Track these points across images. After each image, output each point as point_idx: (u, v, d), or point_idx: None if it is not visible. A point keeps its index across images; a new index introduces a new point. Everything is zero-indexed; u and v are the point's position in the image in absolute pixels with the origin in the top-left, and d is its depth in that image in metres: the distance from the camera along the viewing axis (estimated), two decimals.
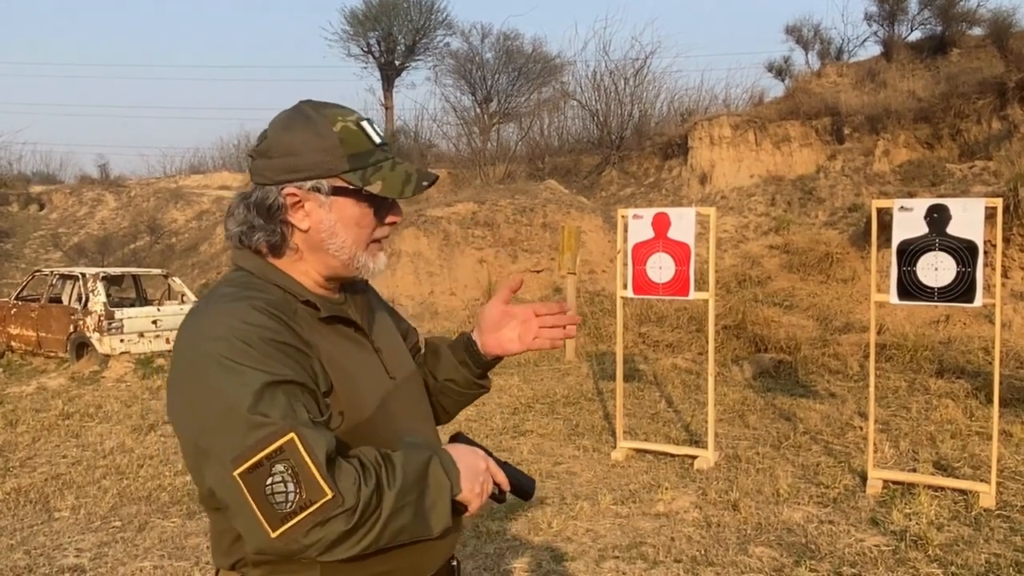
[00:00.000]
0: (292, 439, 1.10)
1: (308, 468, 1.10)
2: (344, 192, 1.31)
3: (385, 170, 1.32)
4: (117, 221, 23.60)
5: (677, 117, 20.30)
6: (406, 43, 28.54)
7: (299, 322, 1.27)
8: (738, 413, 7.18)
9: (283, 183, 1.30)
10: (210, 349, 1.18)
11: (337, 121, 1.31)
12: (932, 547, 4.14)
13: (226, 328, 1.19)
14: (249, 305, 1.23)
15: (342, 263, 1.34)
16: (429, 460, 1.24)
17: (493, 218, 13.54)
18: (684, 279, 5.73)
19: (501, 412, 7.41)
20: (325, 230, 1.31)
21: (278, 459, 1.10)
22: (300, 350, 1.23)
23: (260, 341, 1.18)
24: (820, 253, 11.74)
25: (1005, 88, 12.68)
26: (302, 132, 1.30)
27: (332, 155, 1.29)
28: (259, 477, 1.10)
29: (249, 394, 1.12)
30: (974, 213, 4.77)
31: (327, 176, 1.29)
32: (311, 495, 1.09)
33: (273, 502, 1.10)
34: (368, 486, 1.13)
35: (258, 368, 1.15)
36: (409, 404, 1.45)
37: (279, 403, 1.14)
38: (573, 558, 4.15)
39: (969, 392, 7.37)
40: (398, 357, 1.48)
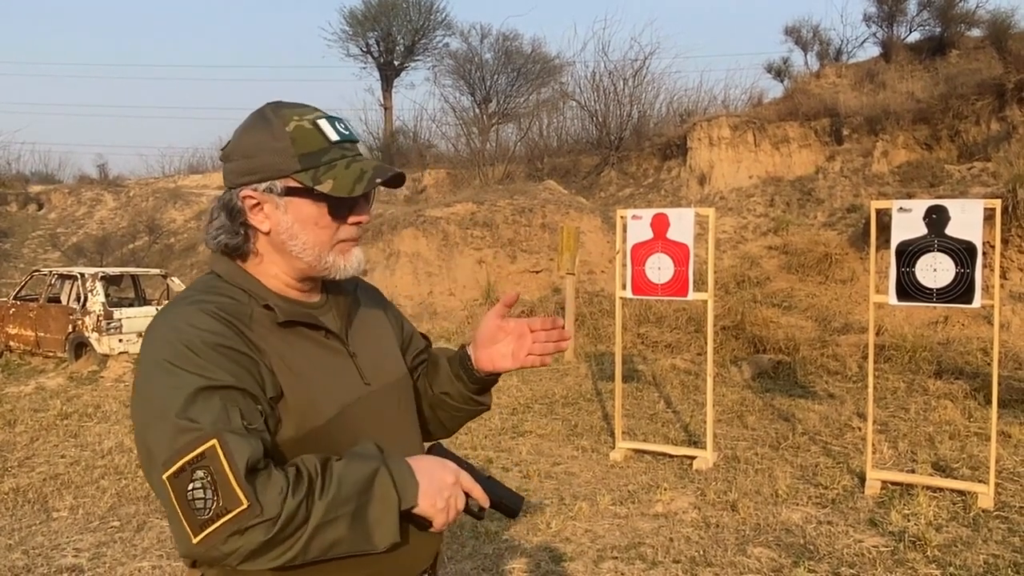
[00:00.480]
0: (213, 445, 1.09)
1: (226, 475, 1.08)
2: (297, 192, 1.29)
3: (339, 168, 1.29)
4: (116, 221, 23.58)
5: (676, 118, 20.30)
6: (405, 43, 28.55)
7: (253, 326, 1.26)
8: (737, 414, 7.18)
9: (240, 186, 1.30)
10: (155, 352, 1.19)
11: (291, 121, 1.30)
12: (930, 548, 4.14)
13: (173, 332, 1.20)
14: (199, 309, 1.23)
15: (308, 264, 1.32)
16: (375, 472, 1.19)
17: (492, 218, 13.54)
18: (683, 280, 5.73)
19: (500, 412, 7.41)
20: (284, 231, 1.30)
21: (199, 465, 1.09)
22: (246, 355, 1.22)
23: (203, 345, 1.18)
24: (819, 254, 11.74)
25: (1004, 89, 12.70)
26: (257, 134, 1.30)
27: (283, 155, 1.28)
28: (182, 482, 1.09)
29: (180, 398, 1.12)
30: (973, 214, 4.77)
31: (278, 177, 1.28)
32: (227, 503, 1.08)
33: (194, 508, 1.09)
34: (295, 497, 1.10)
35: (194, 372, 1.15)
36: (384, 412, 1.40)
37: (212, 408, 1.12)
38: (572, 558, 4.15)
39: (968, 393, 7.38)
40: (380, 363, 1.44)
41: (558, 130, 22.94)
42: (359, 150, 1.36)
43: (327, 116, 1.34)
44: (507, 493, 1.40)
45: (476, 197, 14.67)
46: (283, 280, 1.35)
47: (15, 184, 25.91)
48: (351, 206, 1.34)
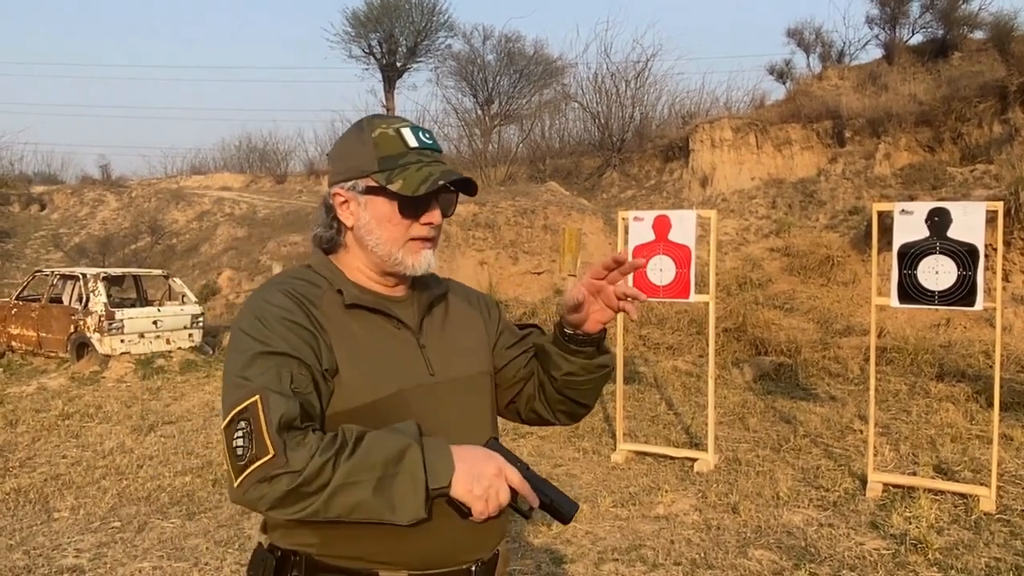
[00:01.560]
0: (255, 401, 1.23)
1: (260, 427, 1.21)
2: (375, 191, 1.43)
3: (411, 171, 1.41)
4: (118, 221, 23.61)
5: (678, 119, 20.31)
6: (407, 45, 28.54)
7: (322, 307, 1.40)
8: (738, 416, 7.17)
9: (333, 184, 1.48)
10: (239, 322, 1.37)
11: (377, 128, 1.45)
12: (932, 551, 4.13)
13: (252, 307, 1.38)
14: (278, 289, 1.40)
15: (381, 258, 1.45)
16: (406, 447, 1.24)
17: (494, 220, 13.55)
18: (685, 281, 5.72)
19: None
20: (363, 227, 1.45)
21: (242, 416, 1.23)
22: (308, 329, 1.35)
23: (272, 319, 1.34)
24: (821, 256, 11.73)
25: (1006, 92, 12.68)
26: (349, 140, 1.48)
27: (366, 158, 1.43)
28: (231, 431, 1.24)
29: (242, 360, 1.29)
30: (975, 217, 4.76)
31: (360, 176, 1.44)
32: (258, 451, 1.20)
33: (236, 455, 1.22)
34: (322, 456, 1.20)
35: (258, 339, 1.31)
36: (447, 403, 1.46)
37: (266, 370, 1.27)
38: (572, 560, 4.15)
39: (969, 396, 7.37)
40: (453, 358, 1.51)
41: (560, 132, 22.98)
42: (438, 158, 1.47)
43: (413, 126, 1.48)
44: (561, 498, 1.39)
45: (478, 198, 14.66)
46: (365, 272, 1.49)
47: (18, 184, 25.97)
48: (423, 207, 1.44)
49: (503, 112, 24.12)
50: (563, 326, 1.56)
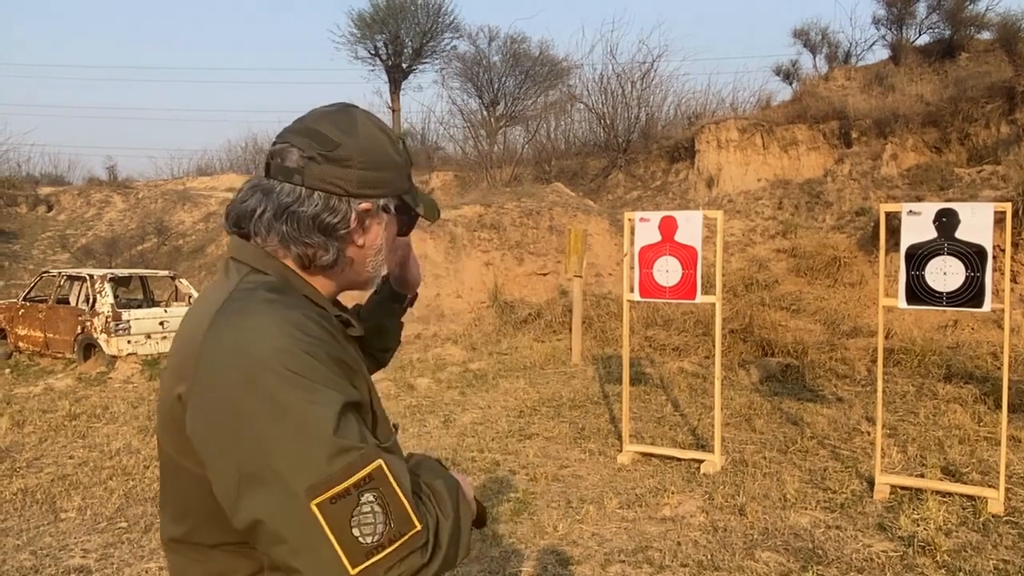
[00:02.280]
0: (380, 466, 1.03)
1: (398, 498, 1.03)
2: (400, 211, 1.31)
3: (422, 194, 1.35)
4: (125, 222, 23.68)
5: (684, 120, 20.30)
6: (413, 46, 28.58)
7: (339, 337, 1.21)
8: (745, 417, 7.16)
9: (362, 197, 1.22)
10: (270, 361, 1.04)
11: (400, 139, 1.30)
12: (940, 553, 4.11)
13: (288, 338, 1.06)
14: (303, 315, 1.12)
15: (367, 279, 1.31)
16: (457, 487, 1.19)
17: (499, 221, 13.55)
18: (691, 282, 5.71)
19: (507, 415, 7.40)
20: (374, 247, 1.27)
21: (367, 488, 1.02)
22: (354, 369, 1.16)
23: (326, 356, 1.08)
24: (827, 257, 11.71)
25: (1014, 92, 12.64)
26: (384, 146, 1.25)
27: (403, 173, 1.29)
28: (344, 507, 1.00)
29: (332, 415, 1.03)
30: (983, 217, 4.75)
31: (397, 194, 1.28)
32: (400, 527, 1.02)
33: (359, 535, 1.00)
34: (432, 516, 1.09)
35: (331, 387, 1.06)
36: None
37: (354, 426, 1.05)
38: (579, 562, 4.14)
39: (977, 397, 7.34)
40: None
41: (566, 132, 22.99)
42: None
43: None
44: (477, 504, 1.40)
45: (483, 199, 14.68)
46: (330, 292, 1.30)
47: (25, 186, 26.05)
48: (410, 227, 1.39)
49: (509, 113, 24.14)
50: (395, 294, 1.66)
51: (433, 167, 23.32)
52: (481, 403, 7.96)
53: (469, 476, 5.50)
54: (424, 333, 11.60)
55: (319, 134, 1.20)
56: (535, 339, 10.93)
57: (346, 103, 1.30)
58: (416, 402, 8.05)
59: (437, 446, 6.32)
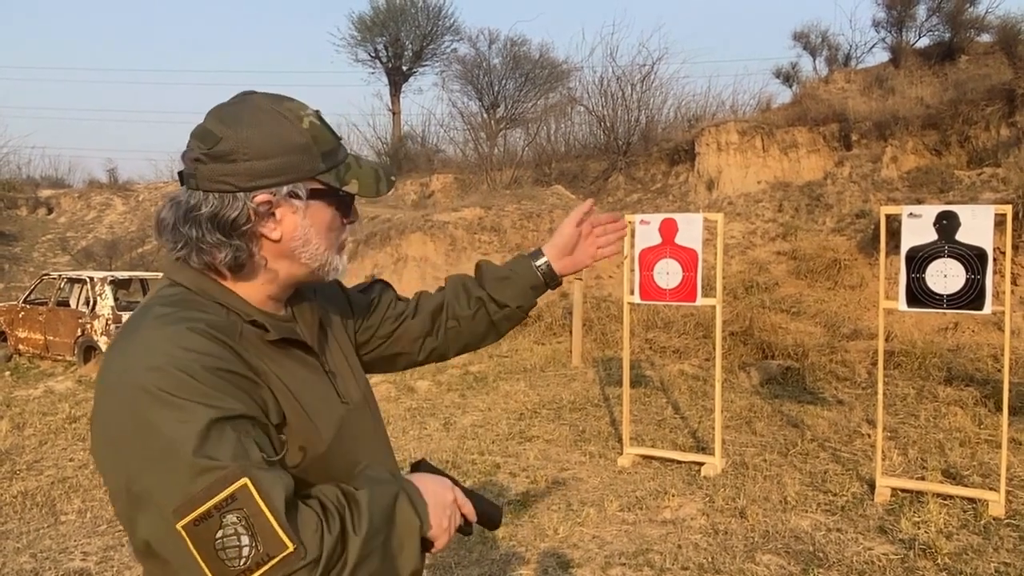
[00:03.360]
0: (246, 485, 0.97)
1: (265, 517, 0.97)
2: (320, 195, 1.20)
3: (355, 168, 1.23)
4: (125, 225, 23.69)
5: (684, 123, 20.27)
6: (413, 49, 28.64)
7: (245, 346, 1.14)
8: (745, 420, 7.15)
9: (254, 190, 1.15)
10: (144, 381, 1.02)
11: (304, 116, 1.19)
12: (941, 556, 4.11)
13: (163, 356, 1.04)
14: (188, 328, 1.08)
15: (311, 271, 1.23)
16: (396, 497, 1.13)
17: (500, 223, 13.55)
18: (691, 285, 5.71)
19: (507, 418, 7.40)
20: (299, 238, 1.20)
21: (230, 508, 0.96)
22: (248, 379, 1.10)
23: (203, 370, 1.04)
24: (828, 259, 11.70)
25: (1014, 95, 12.63)
26: (275, 130, 1.16)
27: (308, 154, 1.17)
28: (207, 529, 0.96)
29: (193, 433, 0.98)
30: (983, 220, 4.75)
31: (306, 178, 1.18)
32: (269, 549, 0.96)
33: (225, 558, 0.96)
34: (332, 533, 1.02)
35: (202, 402, 1.01)
36: (363, 430, 1.33)
37: (228, 442, 1.00)
38: (579, 564, 4.14)
39: (978, 400, 7.33)
40: (350, 378, 1.37)
41: (566, 135, 22.94)
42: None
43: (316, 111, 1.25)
44: (489, 506, 1.36)
45: (484, 202, 14.69)
46: (267, 292, 1.23)
47: (25, 188, 26.07)
48: (349, 207, 1.27)
49: (509, 116, 24.16)
50: (551, 271, 1.63)
51: (433, 169, 23.31)
52: (481, 405, 7.96)
53: (468, 480, 5.50)
54: None
55: (204, 131, 1.16)
56: (535, 341, 10.93)
57: (246, 91, 1.22)
58: (416, 405, 8.05)
59: (437, 449, 6.31)
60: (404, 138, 26.91)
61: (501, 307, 1.61)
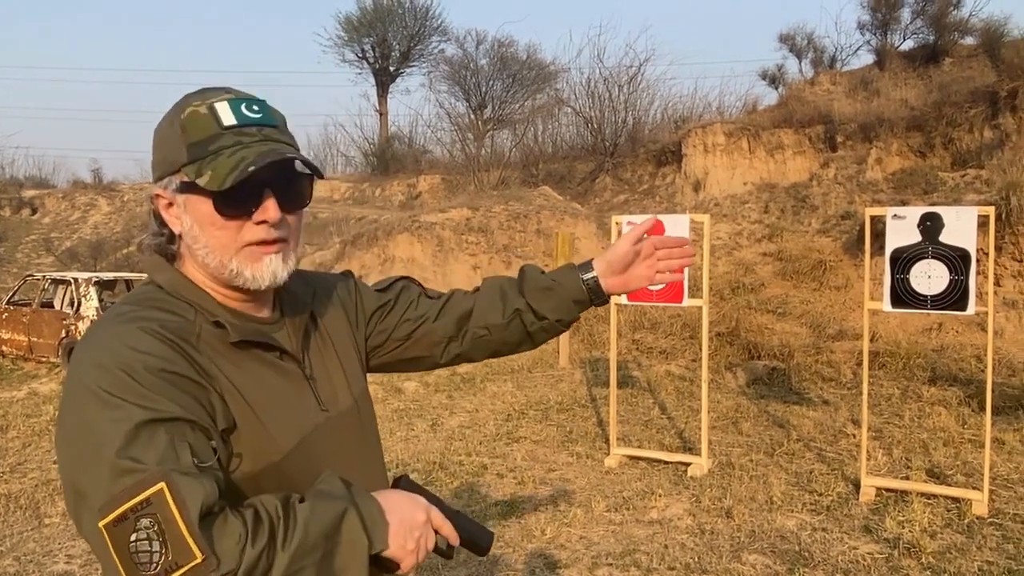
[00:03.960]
0: (161, 490, 0.95)
1: (176, 525, 0.94)
2: (189, 189, 1.15)
3: (222, 158, 1.12)
4: (110, 226, 23.54)
5: (671, 124, 20.33)
6: (401, 49, 28.62)
7: (201, 347, 1.13)
8: (732, 420, 7.18)
9: (157, 183, 1.19)
10: (88, 378, 1.04)
11: (189, 107, 1.15)
12: (925, 555, 4.14)
13: (108, 355, 1.05)
14: (139, 328, 1.08)
15: (215, 270, 1.18)
16: (343, 514, 1.07)
17: (487, 224, 13.55)
18: (678, 286, 5.73)
19: (495, 418, 7.40)
20: (188, 233, 1.18)
21: (144, 512, 0.94)
22: (194, 381, 1.08)
23: (144, 370, 1.03)
24: (813, 260, 11.77)
25: (997, 97, 12.75)
26: (162, 125, 1.18)
27: (176, 146, 1.14)
28: (124, 531, 0.94)
29: (120, 434, 0.98)
30: (967, 221, 4.79)
31: (173, 171, 1.15)
32: (177, 557, 0.93)
33: (137, 562, 0.94)
34: (255, 546, 0.97)
35: (137, 403, 1.00)
36: (344, 439, 1.28)
37: (157, 445, 0.98)
38: (567, 565, 4.14)
39: (962, 400, 7.39)
40: (338, 384, 1.32)
41: (553, 136, 23.00)
42: (268, 135, 1.17)
43: (234, 98, 1.17)
44: (477, 529, 1.32)
45: (471, 203, 14.68)
46: (220, 291, 1.21)
47: (9, 188, 25.88)
48: (251, 201, 1.15)
49: (496, 117, 24.18)
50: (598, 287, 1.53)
51: (421, 170, 23.31)
52: (468, 406, 7.96)
53: (455, 481, 5.50)
54: None
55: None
56: None
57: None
58: (404, 406, 8.04)
59: (425, 450, 6.31)
60: (391, 139, 26.89)
61: (540, 319, 1.53)
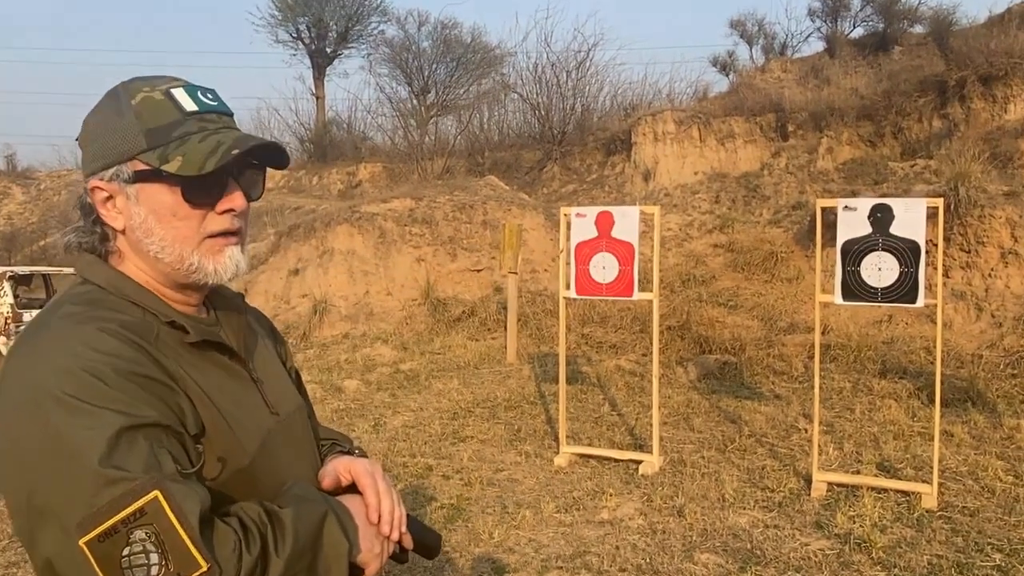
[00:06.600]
0: (156, 498, 0.93)
1: (177, 533, 0.93)
2: (147, 177, 1.12)
3: (191, 143, 1.11)
4: (25, 216, 22.81)
5: (620, 112, 20.51)
6: (338, 30, 28.25)
7: (161, 349, 1.10)
8: (683, 416, 7.28)
9: (90, 176, 1.15)
10: (50, 384, 0.99)
11: (139, 93, 1.13)
12: (876, 549, 4.26)
13: (70, 358, 1.01)
14: (97, 328, 1.05)
15: (169, 266, 1.15)
16: (324, 517, 1.10)
17: (431, 215, 13.49)
18: (628, 279, 5.79)
19: (440, 417, 7.38)
20: (139, 227, 1.13)
21: (138, 523, 0.92)
22: (164, 384, 1.06)
23: (114, 374, 1.00)
24: (764, 252, 11.98)
25: (945, 87, 13.14)
26: (102, 113, 1.15)
27: (127, 134, 1.12)
28: (113, 546, 0.92)
29: (101, 441, 0.95)
30: (916, 213, 4.93)
31: (124, 160, 1.12)
32: (180, 567, 0.93)
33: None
34: (251, 553, 0.99)
35: (112, 408, 0.97)
36: (294, 443, 1.29)
37: (139, 452, 0.96)
38: (515, 569, 4.16)
39: (911, 392, 7.61)
40: (281, 388, 1.33)
41: (499, 123, 23.00)
42: (228, 123, 1.18)
43: (188, 85, 1.17)
44: (427, 532, 1.35)
45: (414, 192, 14.59)
46: (164, 292, 1.18)
47: None
48: (218, 190, 1.14)
49: (440, 102, 24.06)
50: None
51: (361, 158, 23.06)
52: (413, 405, 7.93)
53: (400, 483, 5.47)
54: (352, 333, 11.48)
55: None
56: (469, 338, 10.92)
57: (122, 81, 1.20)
58: (344, 406, 7.97)
59: (367, 452, 6.26)
60: (329, 124, 26.55)
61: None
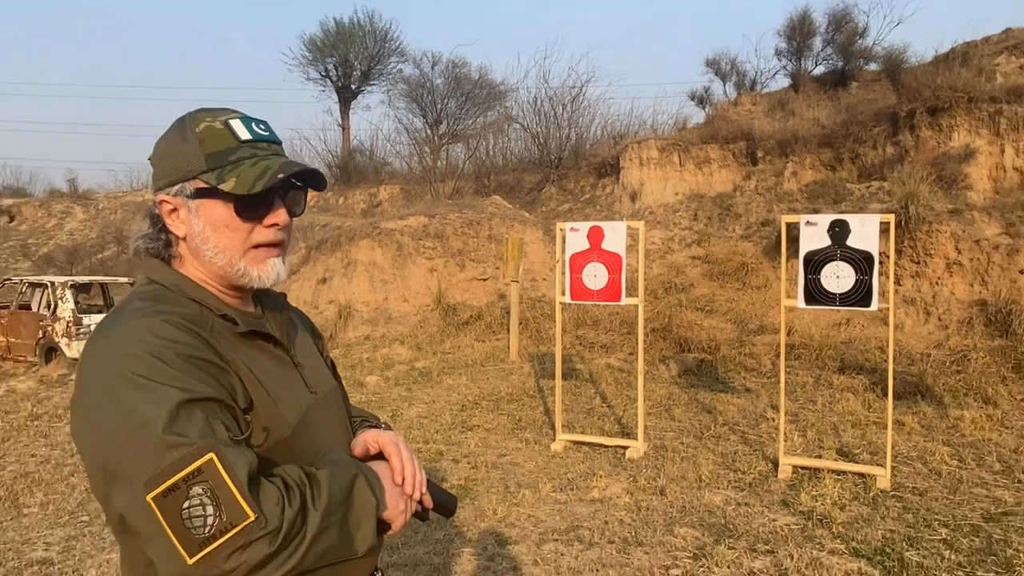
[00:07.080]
0: (211, 459, 0.98)
1: (229, 489, 0.98)
2: (206, 194, 1.18)
3: (244, 166, 1.17)
4: (85, 232, 22.85)
5: (610, 140, 20.49)
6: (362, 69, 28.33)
7: (216, 337, 1.16)
8: (665, 407, 7.27)
9: (157, 191, 1.22)
10: (120, 365, 1.04)
11: (202, 123, 1.19)
12: (835, 525, 4.25)
13: (139, 343, 1.06)
14: (163, 319, 1.11)
15: (222, 269, 1.21)
16: (355, 478, 1.14)
17: (443, 230, 13.49)
18: (616, 286, 5.79)
19: (450, 408, 7.38)
20: (197, 235, 1.20)
21: (196, 481, 0.98)
22: (218, 366, 1.12)
23: (176, 357, 1.06)
24: (737, 263, 11.96)
25: (897, 117, 13.12)
26: (170, 138, 1.21)
27: (191, 156, 1.18)
28: (175, 501, 0.97)
29: (164, 412, 1.00)
30: (870, 227, 4.93)
31: (187, 179, 1.18)
32: (232, 518, 0.98)
33: (191, 527, 0.97)
34: (292, 507, 1.03)
35: (173, 385, 1.03)
36: (329, 418, 1.33)
37: (196, 421, 1.02)
38: (516, 542, 4.16)
39: (867, 386, 7.60)
40: (318, 372, 1.37)
41: (503, 150, 22.99)
42: (276, 150, 1.23)
43: (244, 117, 1.23)
44: (445, 494, 1.36)
45: (428, 211, 14.60)
46: (219, 288, 1.24)
47: None
48: (265, 207, 1.20)
49: (451, 132, 24.07)
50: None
51: (381, 181, 23.08)
52: (426, 398, 7.92)
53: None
54: (373, 334, 11.49)
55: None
56: (476, 339, 10.92)
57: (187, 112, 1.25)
58: (365, 399, 7.97)
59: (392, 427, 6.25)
60: (353, 151, 26.58)
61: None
